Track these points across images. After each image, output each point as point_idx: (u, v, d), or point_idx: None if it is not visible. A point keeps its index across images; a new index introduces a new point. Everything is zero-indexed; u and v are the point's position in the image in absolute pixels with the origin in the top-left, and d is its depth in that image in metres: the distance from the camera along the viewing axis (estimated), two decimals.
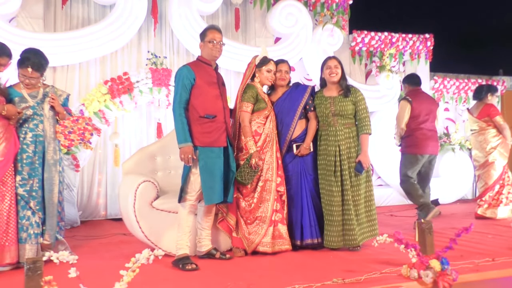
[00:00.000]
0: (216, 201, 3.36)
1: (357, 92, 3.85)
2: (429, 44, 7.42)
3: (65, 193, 5.00)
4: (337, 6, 6.76)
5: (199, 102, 3.33)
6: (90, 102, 5.31)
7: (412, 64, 7.42)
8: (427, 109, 4.86)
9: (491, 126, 5.40)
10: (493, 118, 5.35)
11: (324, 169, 3.77)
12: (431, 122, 4.89)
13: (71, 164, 5.25)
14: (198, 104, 3.33)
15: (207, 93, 3.36)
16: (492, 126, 5.40)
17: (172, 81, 5.60)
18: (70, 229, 4.97)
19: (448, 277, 2.66)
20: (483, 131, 5.43)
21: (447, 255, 2.77)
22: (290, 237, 3.69)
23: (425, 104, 4.88)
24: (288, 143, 3.81)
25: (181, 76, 3.34)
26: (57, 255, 2.10)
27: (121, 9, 5.45)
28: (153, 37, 5.97)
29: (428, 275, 2.67)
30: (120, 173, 5.41)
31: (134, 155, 4.17)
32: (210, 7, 6.00)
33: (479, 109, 5.47)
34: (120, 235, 4.56)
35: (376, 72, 7.09)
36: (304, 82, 6.19)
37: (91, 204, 5.66)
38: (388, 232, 3.12)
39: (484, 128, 5.42)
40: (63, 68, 5.52)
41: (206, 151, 3.31)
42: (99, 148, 5.70)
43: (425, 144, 4.78)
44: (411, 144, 4.82)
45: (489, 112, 5.38)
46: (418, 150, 4.78)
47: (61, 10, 5.66)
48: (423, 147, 4.78)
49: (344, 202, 3.68)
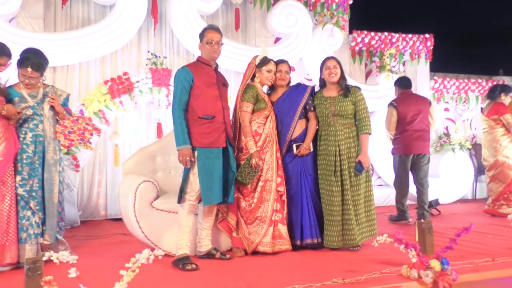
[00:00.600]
0: (214, 201, 3.36)
1: (356, 92, 3.85)
2: (429, 44, 7.42)
3: (65, 193, 5.00)
4: (337, 6, 6.76)
5: (198, 103, 3.33)
6: (90, 102, 5.31)
7: (412, 64, 7.43)
8: (414, 110, 5.10)
9: (499, 125, 5.43)
10: (501, 116, 5.37)
11: (324, 169, 3.76)
12: (419, 123, 5.10)
13: (71, 164, 5.25)
14: (197, 105, 3.33)
15: (206, 94, 3.36)
16: (500, 125, 5.43)
17: (172, 81, 5.60)
18: (70, 229, 4.97)
19: (448, 277, 2.66)
20: (492, 130, 5.47)
21: (447, 255, 2.77)
22: (290, 237, 3.69)
23: (413, 106, 5.12)
24: (288, 143, 3.81)
25: (179, 78, 3.35)
26: (57, 255, 2.10)
27: (121, 9, 5.45)
28: (153, 37, 5.97)
29: (428, 275, 2.67)
30: (120, 173, 5.41)
31: (134, 155, 4.17)
32: (210, 7, 6.00)
33: (489, 108, 5.51)
34: (120, 235, 4.56)
35: (376, 72, 7.09)
36: (304, 82, 6.18)
37: (91, 204, 5.66)
38: (388, 232, 3.12)
39: (493, 126, 5.45)
40: (63, 68, 5.52)
41: (205, 152, 3.31)
42: (99, 148, 5.70)
43: (411, 144, 5.07)
44: (398, 145, 5.17)
45: (498, 110, 5.41)
46: (403, 151, 5.11)
47: (61, 10, 5.66)
48: (408, 148, 5.08)
49: (344, 202, 3.68)
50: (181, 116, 3.30)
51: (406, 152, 5.09)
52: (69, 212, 5.04)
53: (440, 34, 7.76)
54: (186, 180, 3.34)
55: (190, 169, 3.32)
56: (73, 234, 4.65)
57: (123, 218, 3.89)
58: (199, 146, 3.31)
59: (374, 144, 6.15)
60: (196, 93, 3.34)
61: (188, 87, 3.33)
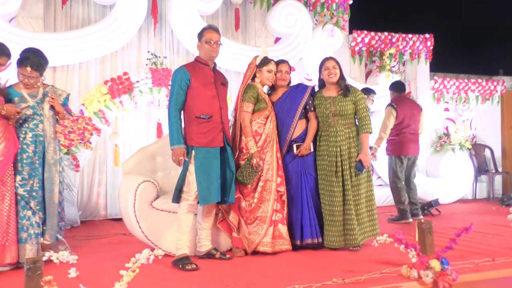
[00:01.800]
0: (212, 201, 3.36)
1: (356, 91, 3.85)
2: (429, 44, 7.42)
3: (65, 193, 5.01)
4: (337, 6, 6.76)
5: (195, 103, 3.34)
6: (90, 102, 5.31)
7: (412, 64, 7.43)
8: (410, 113, 5.37)
9: None
10: None
11: (324, 170, 3.76)
12: (414, 126, 5.39)
13: (71, 164, 5.25)
14: (194, 104, 3.34)
15: (204, 94, 3.36)
16: None
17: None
18: (70, 229, 4.98)
19: (448, 277, 2.66)
20: None
21: (447, 255, 2.76)
22: (290, 237, 3.69)
23: (409, 110, 5.38)
24: (288, 143, 3.81)
25: (176, 78, 3.36)
26: (57, 255, 2.10)
27: (121, 9, 5.45)
28: (153, 37, 5.97)
29: (428, 275, 2.67)
30: (120, 173, 5.41)
31: (134, 155, 4.17)
32: (210, 7, 6.01)
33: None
34: (120, 235, 4.56)
35: (376, 72, 7.09)
36: (304, 82, 6.18)
37: (91, 204, 5.66)
38: (388, 232, 3.12)
39: None
40: (63, 68, 5.52)
41: (202, 152, 3.32)
42: (99, 148, 5.70)
43: (408, 146, 5.32)
44: (394, 147, 5.36)
45: None
46: (402, 152, 5.32)
47: (61, 10, 5.66)
48: (406, 149, 5.33)
49: (345, 202, 3.68)
50: (176, 115, 3.31)
51: (405, 153, 5.33)
52: (69, 212, 5.04)
53: (440, 34, 7.77)
54: (184, 179, 3.34)
55: (188, 168, 3.33)
56: (73, 234, 4.65)
57: (123, 218, 3.89)
58: (197, 145, 3.31)
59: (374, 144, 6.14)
60: (193, 92, 3.34)
61: (185, 87, 3.34)
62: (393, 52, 7.16)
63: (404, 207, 5.23)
